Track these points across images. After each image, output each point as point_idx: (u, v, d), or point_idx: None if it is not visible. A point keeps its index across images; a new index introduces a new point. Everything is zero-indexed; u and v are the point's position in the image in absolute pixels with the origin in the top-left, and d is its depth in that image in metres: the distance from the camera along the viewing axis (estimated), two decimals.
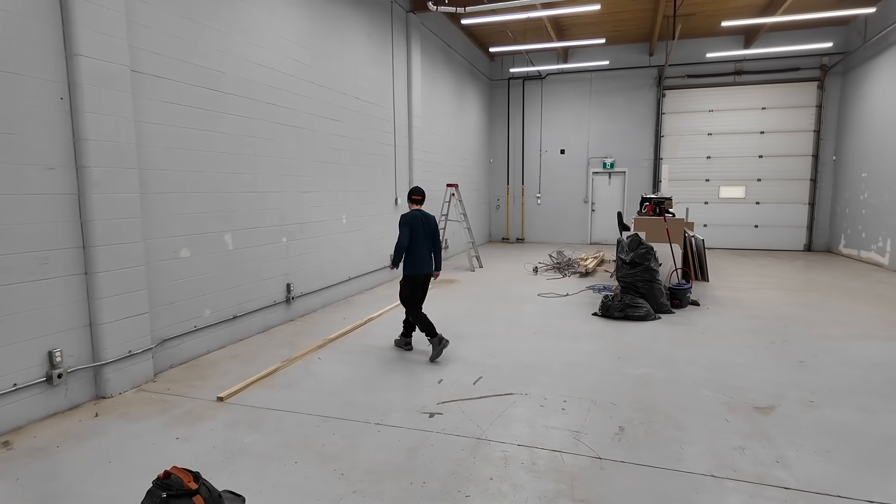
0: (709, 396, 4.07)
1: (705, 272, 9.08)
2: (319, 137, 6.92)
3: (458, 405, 3.92)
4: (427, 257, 5.13)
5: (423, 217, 5.14)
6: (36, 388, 3.67)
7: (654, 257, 6.93)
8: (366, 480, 2.91)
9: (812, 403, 3.93)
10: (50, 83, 3.68)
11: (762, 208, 13.55)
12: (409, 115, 9.70)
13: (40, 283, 3.66)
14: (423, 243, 5.09)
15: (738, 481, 2.88)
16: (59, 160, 3.75)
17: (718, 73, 13.36)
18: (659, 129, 14.04)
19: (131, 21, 4.23)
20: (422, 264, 5.09)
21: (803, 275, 9.69)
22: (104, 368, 4.05)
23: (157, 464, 3.08)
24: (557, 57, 14.44)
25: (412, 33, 9.53)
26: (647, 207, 8.76)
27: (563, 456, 3.17)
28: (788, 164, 13.23)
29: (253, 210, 5.74)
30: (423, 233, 5.09)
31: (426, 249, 5.12)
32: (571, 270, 10.00)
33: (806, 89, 12.90)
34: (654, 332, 5.88)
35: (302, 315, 6.70)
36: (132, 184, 4.20)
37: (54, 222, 3.74)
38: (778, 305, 7.14)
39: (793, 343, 5.44)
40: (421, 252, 5.08)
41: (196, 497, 2.20)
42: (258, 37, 5.73)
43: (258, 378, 4.46)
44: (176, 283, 4.80)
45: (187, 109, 4.84)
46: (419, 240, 5.07)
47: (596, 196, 14.99)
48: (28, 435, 3.47)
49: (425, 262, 5.11)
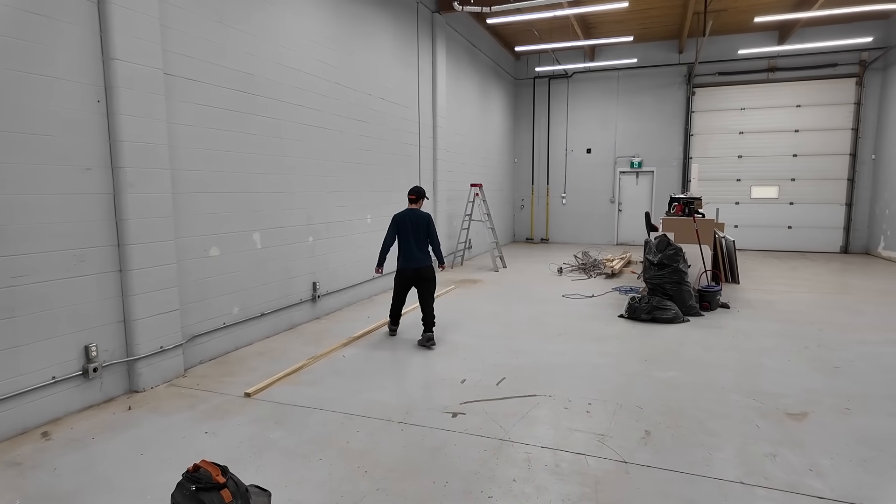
0: (739, 401, 3.97)
1: (736, 274, 8.86)
2: (345, 138, 7.00)
3: (481, 405, 3.91)
4: (415, 253, 5.39)
5: (411, 215, 5.43)
6: (73, 382, 3.80)
7: (683, 259, 6.80)
8: (389, 478, 2.92)
9: (848, 411, 3.80)
10: (87, 86, 3.80)
11: (796, 209, 13.16)
12: (433, 115, 9.72)
13: (77, 280, 3.79)
14: (409, 240, 5.36)
15: (769, 489, 2.80)
16: (96, 161, 3.88)
17: (751, 70, 13.02)
18: (688, 128, 13.76)
19: (164, 25, 4.35)
20: (409, 259, 5.38)
21: (839, 277, 9.37)
22: (137, 363, 4.18)
23: (186, 457, 3.16)
24: (584, 55, 14.28)
25: (437, 34, 9.55)
26: (675, 208, 8.59)
27: (587, 459, 3.14)
28: (824, 163, 12.81)
29: (280, 210, 5.83)
30: (410, 230, 5.37)
31: (413, 246, 5.37)
32: (597, 271, 9.88)
33: (843, 86, 12.46)
34: (682, 335, 5.77)
35: (327, 313, 6.78)
36: (164, 184, 4.31)
37: (90, 221, 3.86)
38: (812, 309, 6.93)
39: (827, 348, 5.27)
40: (408, 248, 5.37)
41: (224, 490, 2.25)
42: (286, 39, 5.82)
43: (284, 375, 4.54)
44: (206, 280, 4.91)
45: (217, 111, 4.95)
46: (406, 237, 5.38)
47: (623, 196, 14.78)
48: (65, 426, 3.60)
49: (412, 257, 5.38)
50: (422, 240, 5.43)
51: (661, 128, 14.08)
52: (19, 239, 3.43)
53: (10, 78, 3.35)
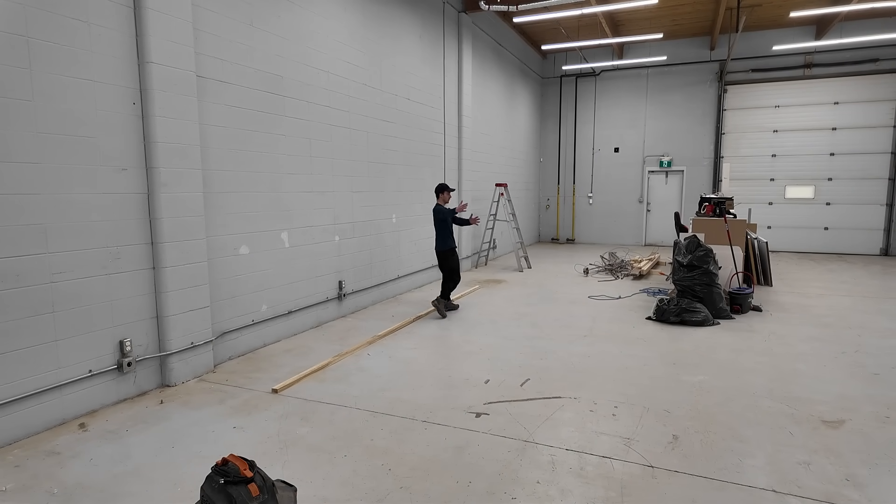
0: (771, 407, 3.86)
1: (769, 276, 8.61)
2: (372, 138, 7.05)
3: (505, 406, 3.90)
4: (442, 238, 6.75)
5: (436, 209, 6.79)
6: (108, 375, 3.93)
7: (714, 260, 6.64)
8: (412, 477, 2.94)
9: (888, 419, 3.65)
10: (123, 89, 3.92)
11: (833, 209, 12.71)
12: (458, 115, 9.72)
13: (113, 277, 3.91)
14: (437, 228, 6.77)
15: (803, 498, 2.72)
16: (131, 161, 4.00)
17: (786, 66, 12.63)
18: (720, 126, 13.43)
19: (197, 29, 4.45)
20: (440, 243, 6.79)
21: (879, 281, 9.02)
22: (169, 358, 4.29)
23: (215, 450, 3.23)
24: (612, 53, 14.08)
25: (463, 33, 9.55)
26: (706, 208, 8.40)
27: (612, 462, 3.09)
28: (863, 162, 12.34)
29: (308, 209, 5.91)
30: (434, 221, 6.78)
31: (438, 233, 6.76)
32: (624, 273, 9.73)
33: (885, 82, 11.98)
34: (712, 339, 5.64)
35: (352, 312, 6.85)
36: (196, 184, 4.42)
37: (126, 219, 3.98)
38: (849, 313, 6.69)
39: (866, 353, 5.08)
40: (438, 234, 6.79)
41: (251, 485, 2.29)
42: (315, 41, 5.90)
43: (311, 372, 4.60)
44: (235, 278, 5.02)
45: (248, 112, 5.05)
46: (435, 227, 6.80)
47: (651, 196, 14.51)
48: (101, 418, 3.72)
49: (442, 241, 6.76)
50: (443, 229, 6.72)
51: (691, 126, 13.78)
52: (60, 237, 3.56)
53: (52, 81, 3.48)
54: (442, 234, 6.72)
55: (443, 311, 6.62)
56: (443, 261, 6.76)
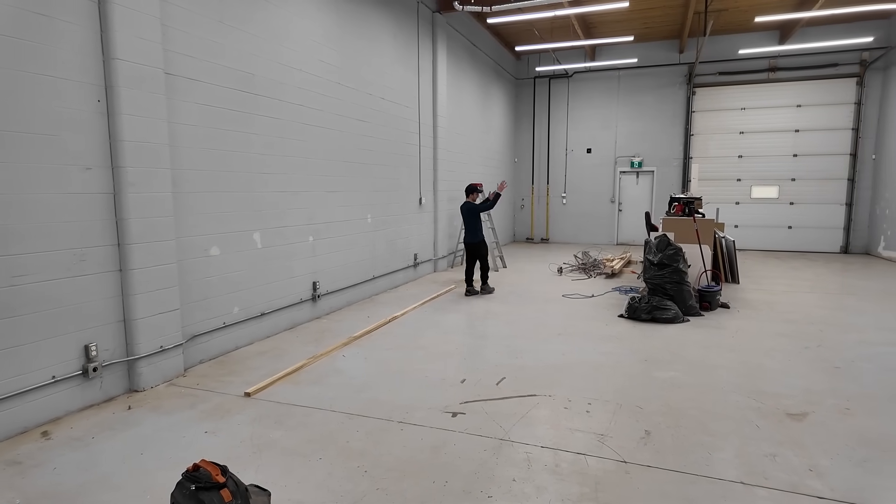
0: (739, 402, 3.97)
1: (736, 274, 8.85)
2: (346, 138, 7.00)
3: (481, 405, 3.92)
4: (470, 231, 7.89)
5: (463, 206, 7.93)
6: (73, 381, 3.80)
7: (683, 259, 6.80)
8: (389, 478, 2.93)
9: (848, 411, 3.80)
10: (88, 86, 3.80)
11: (796, 209, 13.15)
12: (434, 115, 9.72)
13: (78, 280, 3.79)
14: (465, 223, 7.98)
15: (769, 489, 2.80)
16: (97, 160, 3.88)
17: (751, 69, 13.02)
18: (689, 128, 13.76)
19: (165, 25, 4.35)
20: (468, 236, 7.95)
21: (840, 278, 9.37)
22: (137, 363, 4.18)
23: (186, 456, 3.16)
24: (584, 55, 14.27)
25: (438, 33, 9.55)
26: (676, 208, 8.59)
27: (587, 459, 3.14)
28: (825, 163, 12.81)
29: (281, 209, 5.84)
30: (465, 216, 7.92)
31: (469, 228, 7.90)
32: (597, 271, 9.88)
33: (844, 86, 12.46)
34: (682, 335, 5.77)
35: (328, 313, 6.78)
36: (165, 183, 4.32)
37: (91, 220, 3.87)
38: (812, 309, 6.93)
39: (828, 348, 5.27)
40: (467, 229, 7.95)
41: (223, 490, 2.25)
42: (288, 40, 5.83)
43: (285, 374, 4.54)
44: (206, 280, 4.92)
45: (219, 111, 4.95)
46: (464, 221, 7.97)
47: (623, 196, 14.78)
48: (66, 426, 3.60)
49: (468, 234, 7.93)
50: (473, 223, 7.82)
51: (661, 127, 14.08)
52: (20, 238, 3.43)
53: (10, 77, 3.35)
54: (472, 228, 7.84)
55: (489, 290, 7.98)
56: (475, 252, 7.89)
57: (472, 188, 7.94)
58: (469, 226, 7.88)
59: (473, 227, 7.85)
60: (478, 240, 7.87)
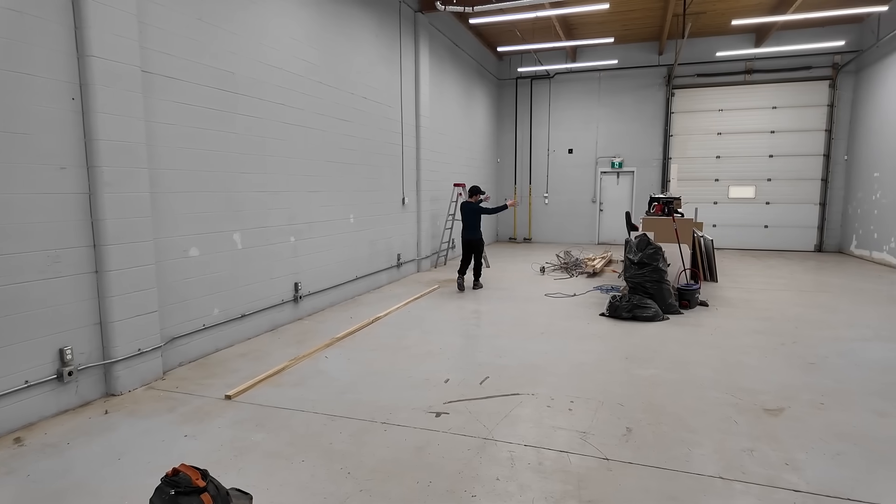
0: (718, 398, 4.04)
1: (714, 273, 9.01)
2: (328, 137, 6.95)
3: (465, 405, 3.92)
4: (471, 228, 8.24)
5: (465, 204, 8.29)
6: (47, 386, 3.71)
7: (663, 258, 6.89)
8: (373, 479, 2.92)
9: (822, 405, 3.89)
10: (62, 84, 3.72)
11: (772, 208, 13.44)
12: (416, 114, 9.71)
13: (52, 282, 3.70)
14: (465, 220, 8.29)
15: (748, 483, 2.86)
16: (71, 160, 3.80)
17: (729, 71, 13.26)
18: (668, 129, 13.96)
19: (143, 22, 4.27)
20: (466, 233, 8.29)
21: (814, 276, 9.59)
22: (114, 366, 4.10)
23: (165, 461, 3.11)
24: (566, 56, 14.39)
25: (420, 33, 9.54)
26: (655, 207, 8.72)
27: (569, 456, 3.16)
28: (799, 163, 13.11)
29: (262, 209, 5.77)
30: (467, 214, 8.24)
31: (467, 225, 8.26)
32: (579, 271, 9.97)
33: (817, 88, 12.77)
34: (662, 333, 5.85)
35: (310, 314, 6.73)
36: (143, 183, 4.24)
37: (66, 221, 3.78)
38: (788, 306, 7.08)
39: (803, 345, 5.39)
40: (465, 226, 8.29)
41: (204, 494, 2.22)
42: (269, 38, 5.76)
43: (266, 376, 4.49)
44: (186, 281, 4.84)
45: (198, 110, 4.88)
46: (464, 219, 8.28)
47: (604, 196, 14.93)
48: (39, 432, 3.51)
49: (469, 231, 8.26)
50: (474, 221, 8.20)
51: (641, 128, 14.26)
52: None
53: None
54: (473, 226, 8.22)
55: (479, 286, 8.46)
56: (474, 247, 8.28)
57: (476, 189, 8.33)
58: (470, 223, 8.22)
59: (473, 224, 8.22)
60: (476, 237, 8.23)
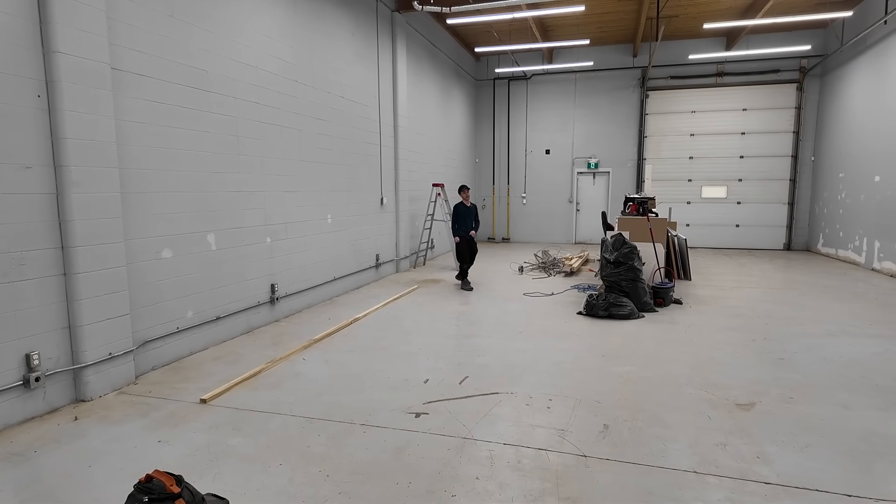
0: (692, 394, 4.12)
1: (688, 271, 9.19)
2: (304, 137, 6.88)
3: (444, 405, 3.93)
4: (467, 227, 8.64)
5: (461, 206, 8.68)
6: (12, 392, 3.59)
7: (638, 256, 7.01)
8: (352, 481, 2.90)
9: (791, 400, 4.00)
10: (26, 80, 3.60)
11: (743, 208, 13.77)
12: (394, 114, 9.68)
13: (17, 285, 3.58)
14: (465, 220, 8.64)
15: (721, 477, 2.93)
16: (37, 159, 3.68)
17: (701, 74, 13.54)
18: (642, 130, 14.19)
19: (112, 18, 4.16)
20: (461, 230, 8.64)
21: (783, 273, 9.87)
22: (84, 371, 3.98)
23: (138, 467, 3.04)
24: (542, 57, 14.52)
25: (397, 32, 9.51)
26: (630, 207, 8.85)
27: (548, 454, 3.19)
28: (769, 164, 13.46)
29: (237, 210, 5.68)
30: (464, 215, 8.64)
31: (463, 224, 8.64)
32: (556, 270, 10.06)
33: (785, 91, 13.13)
34: (637, 331, 5.94)
35: (286, 316, 6.65)
36: (113, 183, 4.13)
37: (32, 222, 3.66)
38: (758, 303, 7.27)
39: (773, 340, 5.54)
40: (462, 225, 8.65)
41: (178, 501, 2.18)
42: (243, 35, 5.68)
43: (242, 379, 4.42)
44: (158, 283, 4.74)
45: (170, 108, 4.78)
46: (462, 219, 8.62)
47: (581, 196, 15.10)
48: (5, 440, 3.40)
49: (464, 228, 8.64)
50: (469, 221, 8.65)
51: (617, 129, 14.46)
52: None
53: None
54: (467, 226, 8.61)
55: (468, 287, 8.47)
56: (472, 243, 8.62)
57: (463, 188, 8.81)
58: (464, 223, 8.66)
59: (468, 224, 8.68)
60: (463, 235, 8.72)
